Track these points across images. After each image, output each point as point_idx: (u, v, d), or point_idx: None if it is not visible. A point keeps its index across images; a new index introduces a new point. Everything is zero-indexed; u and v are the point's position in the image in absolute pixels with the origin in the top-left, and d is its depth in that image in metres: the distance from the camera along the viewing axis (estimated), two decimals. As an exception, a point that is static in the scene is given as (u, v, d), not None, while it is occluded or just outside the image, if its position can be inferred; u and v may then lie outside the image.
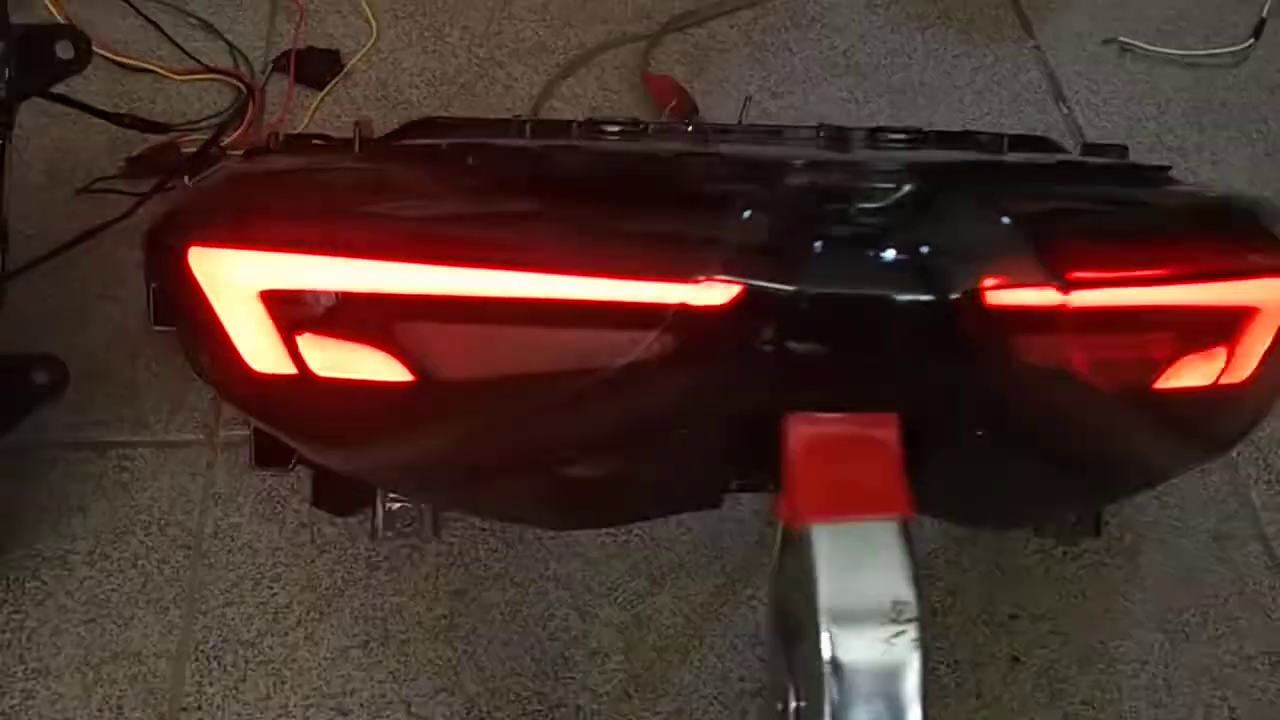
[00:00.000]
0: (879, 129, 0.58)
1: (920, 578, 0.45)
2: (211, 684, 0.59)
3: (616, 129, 0.56)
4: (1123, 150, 0.67)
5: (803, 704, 0.45)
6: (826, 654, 0.43)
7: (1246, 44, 0.97)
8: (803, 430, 0.45)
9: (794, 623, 0.43)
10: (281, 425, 0.55)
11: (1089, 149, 0.59)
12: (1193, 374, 0.52)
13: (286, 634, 0.61)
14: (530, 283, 0.44)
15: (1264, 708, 0.63)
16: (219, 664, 0.60)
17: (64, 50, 0.63)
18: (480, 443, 0.51)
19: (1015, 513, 0.62)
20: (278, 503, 0.64)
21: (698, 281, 0.43)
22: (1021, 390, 0.49)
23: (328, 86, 0.83)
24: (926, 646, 0.43)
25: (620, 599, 0.62)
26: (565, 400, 0.48)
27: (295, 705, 0.59)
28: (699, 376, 0.46)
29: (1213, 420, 0.56)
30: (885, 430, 0.46)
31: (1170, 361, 0.51)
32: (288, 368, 0.49)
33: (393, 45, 0.86)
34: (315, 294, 0.47)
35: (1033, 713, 0.63)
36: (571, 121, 0.58)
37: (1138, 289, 0.49)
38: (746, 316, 0.44)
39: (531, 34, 0.88)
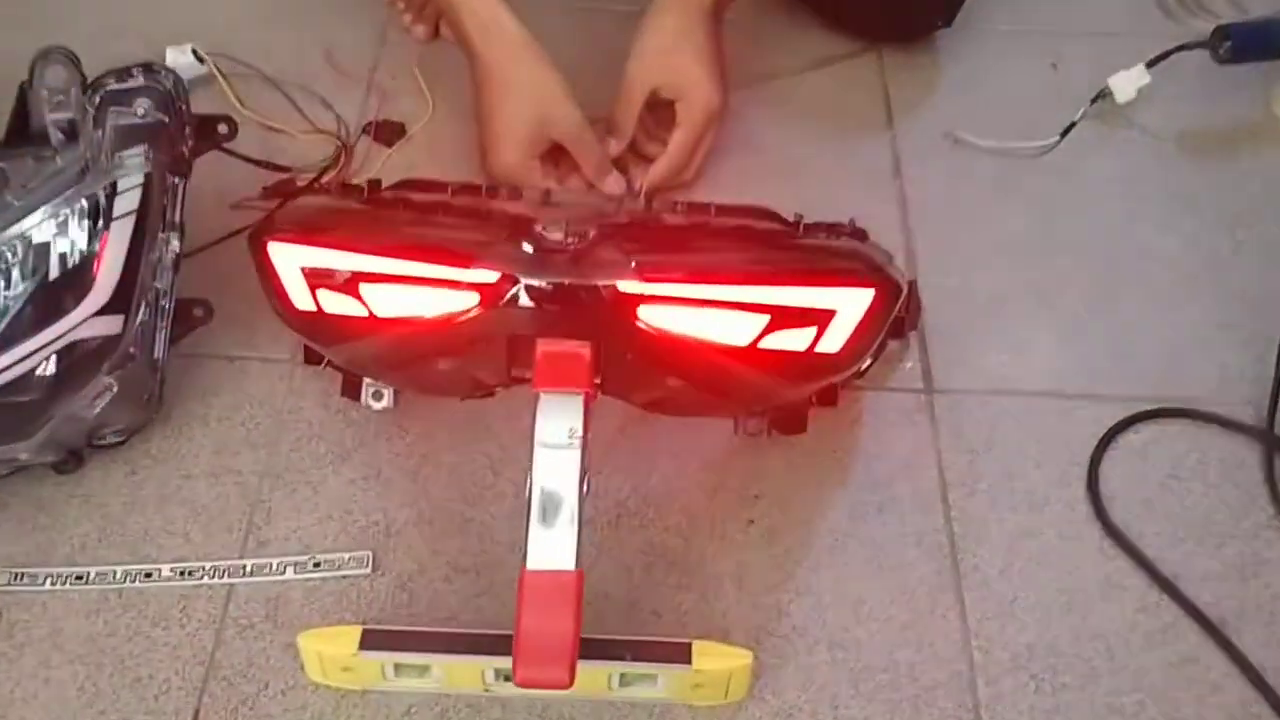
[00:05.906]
0: (650, 198, 0.90)
1: (589, 420, 0.77)
2: (278, 491, 0.94)
3: (487, 188, 0.86)
4: (846, 222, 0.86)
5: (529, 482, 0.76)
6: (537, 446, 0.75)
7: (1052, 141, 1.23)
8: (543, 346, 0.77)
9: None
10: (310, 337, 0.90)
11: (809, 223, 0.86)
12: (792, 342, 0.80)
13: (321, 469, 0.95)
14: (410, 267, 0.79)
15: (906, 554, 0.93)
16: (283, 481, 0.94)
17: (223, 128, 0.94)
18: (397, 346, 0.85)
19: (685, 409, 0.91)
20: (327, 395, 0.99)
21: (479, 268, 0.77)
22: (641, 335, 0.78)
23: (394, 146, 1.19)
24: (584, 456, 0.75)
25: (513, 464, 0.96)
26: (428, 325, 0.81)
27: (323, 507, 0.93)
28: (488, 317, 0.77)
29: (816, 371, 0.85)
30: (583, 349, 0.77)
31: (766, 332, 0.78)
32: (312, 307, 0.83)
33: (442, 120, 1.22)
34: (328, 269, 0.81)
35: (754, 552, 0.92)
36: (480, 184, 0.87)
37: (703, 286, 0.77)
38: (504, 288, 0.77)
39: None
